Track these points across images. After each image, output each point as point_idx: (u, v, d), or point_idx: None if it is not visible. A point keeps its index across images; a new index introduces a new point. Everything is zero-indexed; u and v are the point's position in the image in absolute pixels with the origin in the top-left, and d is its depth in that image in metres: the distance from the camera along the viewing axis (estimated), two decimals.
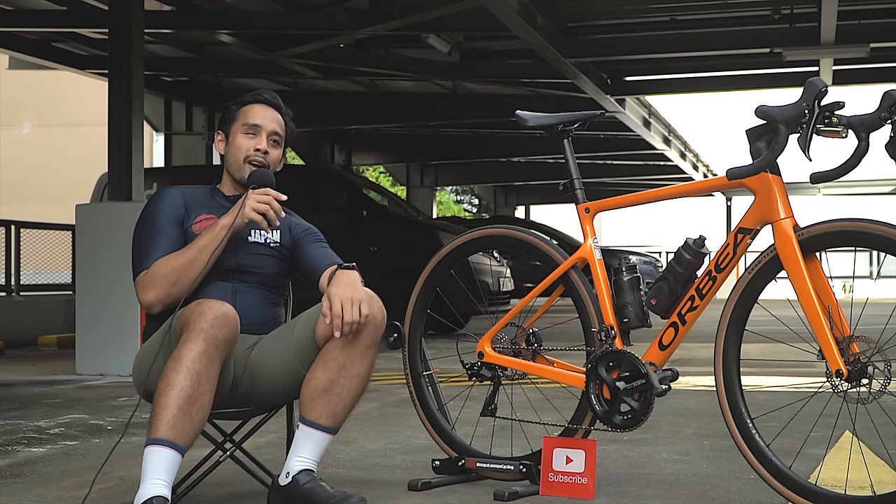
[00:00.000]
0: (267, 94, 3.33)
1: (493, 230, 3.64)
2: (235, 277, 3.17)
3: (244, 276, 3.18)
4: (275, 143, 3.27)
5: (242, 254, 3.19)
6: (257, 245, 3.23)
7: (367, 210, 12.28)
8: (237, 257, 3.17)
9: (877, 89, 5.67)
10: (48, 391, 6.67)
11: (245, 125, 3.25)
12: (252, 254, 3.21)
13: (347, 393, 2.96)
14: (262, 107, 3.29)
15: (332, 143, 19.73)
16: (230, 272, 3.17)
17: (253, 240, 3.23)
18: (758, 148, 3.01)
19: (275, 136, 3.26)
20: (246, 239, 3.21)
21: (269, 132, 3.25)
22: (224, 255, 3.12)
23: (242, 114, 3.27)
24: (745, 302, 3.04)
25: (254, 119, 3.25)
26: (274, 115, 3.28)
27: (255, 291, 3.19)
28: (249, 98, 3.32)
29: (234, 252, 3.17)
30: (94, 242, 7.83)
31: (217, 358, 2.79)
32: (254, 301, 3.17)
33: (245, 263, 3.18)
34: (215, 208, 3.24)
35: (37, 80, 24.62)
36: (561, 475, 3.30)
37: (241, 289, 3.16)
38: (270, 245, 3.25)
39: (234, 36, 12.02)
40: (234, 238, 3.15)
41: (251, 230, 3.22)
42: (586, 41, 12.48)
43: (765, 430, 3.07)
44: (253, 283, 3.19)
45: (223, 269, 3.15)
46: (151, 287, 3.05)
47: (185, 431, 2.72)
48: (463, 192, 40.41)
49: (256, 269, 3.20)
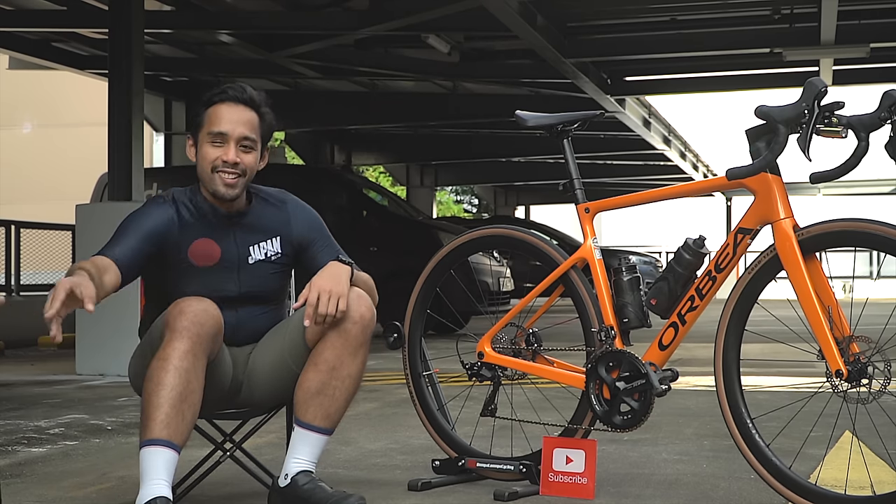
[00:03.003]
0: (234, 88, 3.00)
1: (493, 230, 3.64)
2: (239, 305, 3.03)
3: (248, 302, 3.05)
4: (246, 149, 2.99)
5: (245, 277, 3.04)
6: (261, 264, 3.07)
7: (367, 210, 12.28)
8: (239, 285, 3.03)
9: (877, 89, 5.67)
10: (48, 391, 6.67)
11: (210, 133, 2.97)
12: (256, 276, 3.05)
13: (340, 394, 2.95)
14: (228, 107, 2.98)
15: (332, 143, 19.72)
16: (233, 301, 3.01)
17: (255, 259, 3.06)
18: (758, 148, 3.01)
19: (245, 140, 2.98)
20: (247, 261, 3.05)
21: (237, 138, 2.96)
22: (227, 283, 3.00)
23: (208, 118, 2.98)
24: (745, 302, 3.04)
25: (219, 126, 2.96)
26: (242, 116, 2.98)
27: (258, 310, 3.10)
28: (215, 97, 3.00)
29: (235, 278, 3.03)
30: (94, 242, 7.69)
31: (202, 354, 2.76)
32: (255, 318, 3.10)
33: (249, 290, 3.04)
34: (208, 228, 3.03)
35: (37, 80, 24.60)
36: (561, 475, 3.30)
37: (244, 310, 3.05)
38: (273, 260, 3.09)
39: (234, 36, 12.02)
40: (235, 262, 3.02)
41: (250, 247, 3.05)
42: (586, 41, 12.48)
43: (765, 430, 3.07)
44: (257, 304, 3.08)
45: (225, 298, 2.98)
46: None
47: (179, 429, 2.71)
48: (463, 192, 40.40)
49: (260, 291, 3.07)
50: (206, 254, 3.01)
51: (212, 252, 3.01)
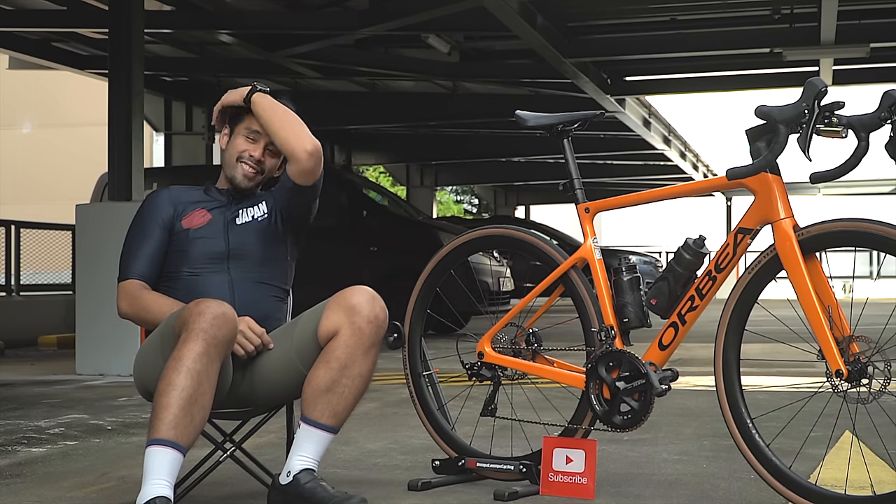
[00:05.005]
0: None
1: (493, 230, 3.64)
2: (231, 263, 3.18)
3: (239, 261, 3.18)
4: (272, 153, 3.28)
5: (233, 236, 3.21)
6: (247, 225, 3.25)
7: (367, 210, 12.28)
8: (228, 241, 3.20)
9: (877, 89, 5.67)
10: (48, 391, 6.67)
11: (248, 129, 3.26)
12: (243, 233, 3.23)
13: (349, 392, 2.96)
14: None
15: (332, 143, 19.74)
16: (223, 258, 3.18)
17: (242, 221, 3.25)
18: (758, 148, 3.01)
19: (272, 146, 3.26)
20: (235, 221, 3.24)
21: (268, 141, 3.25)
22: (215, 240, 3.19)
23: (250, 117, 3.27)
24: (745, 302, 3.04)
25: (257, 124, 3.25)
26: None
27: (254, 284, 3.17)
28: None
29: (224, 236, 3.20)
30: (93, 242, 7.82)
31: (217, 357, 2.80)
32: (254, 295, 3.15)
33: (236, 246, 3.20)
34: (208, 202, 3.28)
35: (37, 80, 24.62)
36: (561, 475, 3.30)
37: (239, 281, 3.15)
38: (259, 220, 3.26)
39: (234, 36, 12.02)
40: (225, 222, 3.23)
41: (239, 210, 3.26)
42: (586, 41, 12.49)
43: (765, 430, 3.07)
44: (249, 269, 3.18)
45: (216, 255, 3.17)
46: (125, 303, 3.16)
47: (186, 431, 2.72)
48: (463, 192, 40.40)
49: (249, 249, 3.21)
50: (199, 218, 3.24)
51: (203, 217, 3.24)
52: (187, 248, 3.18)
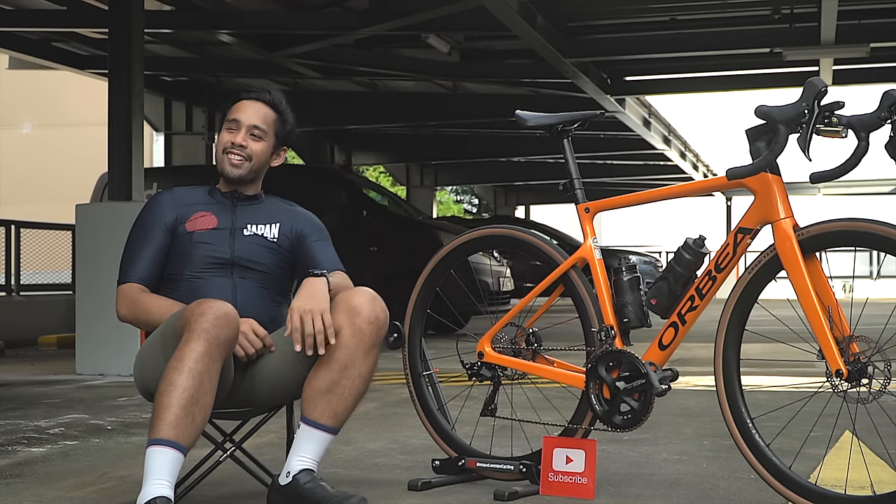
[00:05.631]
0: (260, 91, 3.32)
1: (493, 230, 3.64)
2: (235, 272, 3.17)
3: (243, 271, 3.17)
4: (256, 137, 3.24)
5: (239, 245, 3.19)
6: (255, 237, 3.23)
7: (368, 210, 12.29)
8: (233, 249, 3.18)
9: (877, 89, 5.67)
10: (48, 391, 6.67)
11: (227, 121, 3.27)
12: (249, 245, 3.21)
13: (349, 393, 2.96)
14: (249, 102, 3.28)
15: (332, 143, 19.73)
16: (228, 265, 3.17)
17: (250, 232, 3.23)
18: (758, 148, 3.01)
19: (256, 129, 3.23)
20: (242, 231, 3.23)
21: (248, 126, 3.23)
22: (220, 246, 3.17)
23: (230, 111, 3.29)
24: (745, 302, 3.04)
25: (235, 114, 3.25)
26: (258, 110, 3.26)
27: (255, 289, 3.18)
28: (242, 95, 3.33)
29: (230, 243, 3.19)
30: (93, 242, 7.82)
31: (218, 358, 2.80)
32: (255, 298, 3.16)
33: (242, 255, 3.18)
34: (211, 205, 3.26)
35: (37, 80, 24.62)
36: (561, 475, 3.30)
37: (242, 285, 3.15)
38: (268, 239, 3.24)
39: (234, 36, 12.02)
40: (231, 230, 3.21)
41: (247, 224, 3.24)
42: (586, 41, 12.48)
43: (765, 430, 3.07)
44: (253, 279, 3.18)
45: (220, 261, 3.16)
46: (124, 307, 3.16)
47: (187, 431, 2.72)
48: (463, 192, 40.41)
49: (254, 262, 3.19)
50: (203, 221, 3.22)
51: (208, 221, 3.22)
52: (190, 251, 3.17)
